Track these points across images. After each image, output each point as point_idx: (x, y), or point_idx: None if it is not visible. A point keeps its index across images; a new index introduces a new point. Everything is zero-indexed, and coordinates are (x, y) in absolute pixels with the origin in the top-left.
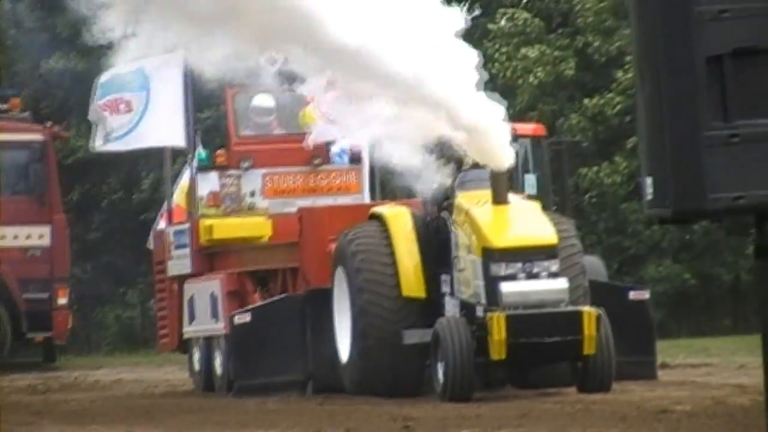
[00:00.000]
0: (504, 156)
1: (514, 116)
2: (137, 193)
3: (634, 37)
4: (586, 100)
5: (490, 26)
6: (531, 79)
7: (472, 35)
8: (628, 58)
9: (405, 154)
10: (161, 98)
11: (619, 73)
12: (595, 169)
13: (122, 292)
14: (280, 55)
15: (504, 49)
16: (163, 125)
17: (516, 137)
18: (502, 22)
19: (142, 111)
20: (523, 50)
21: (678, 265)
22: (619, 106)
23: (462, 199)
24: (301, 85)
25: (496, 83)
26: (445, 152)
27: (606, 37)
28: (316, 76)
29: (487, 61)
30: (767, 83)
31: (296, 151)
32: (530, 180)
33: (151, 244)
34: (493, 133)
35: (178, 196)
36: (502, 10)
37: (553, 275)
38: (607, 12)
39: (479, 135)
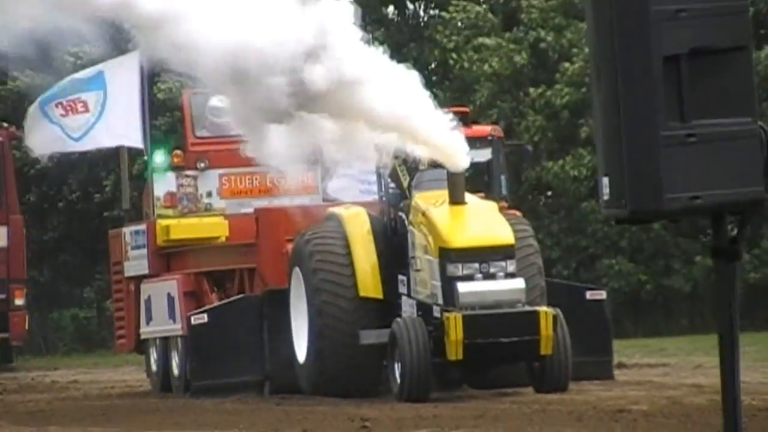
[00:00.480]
0: (460, 156)
1: (475, 112)
2: (98, 194)
3: (591, 37)
4: (531, 90)
5: (444, 14)
6: (486, 67)
7: (424, 34)
8: (575, 50)
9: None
10: (118, 98)
11: (566, 64)
12: (560, 162)
13: (79, 293)
14: None
15: (454, 37)
16: (119, 125)
17: (494, 139)
18: (454, 15)
19: (99, 111)
20: (480, 39)
21: (633, 265)
22: (567, 97)
23: (419, 199)
24: None
25: (453, 75)
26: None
27: (557, 33)
28: None
29: (438, 49)
30: (724, 83)
31: None
32: (503, 181)
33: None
34: (448, 135)
35: None
36: (455, 2)
37: (510, 275)
38: (556, 10)
39: (435, 139)
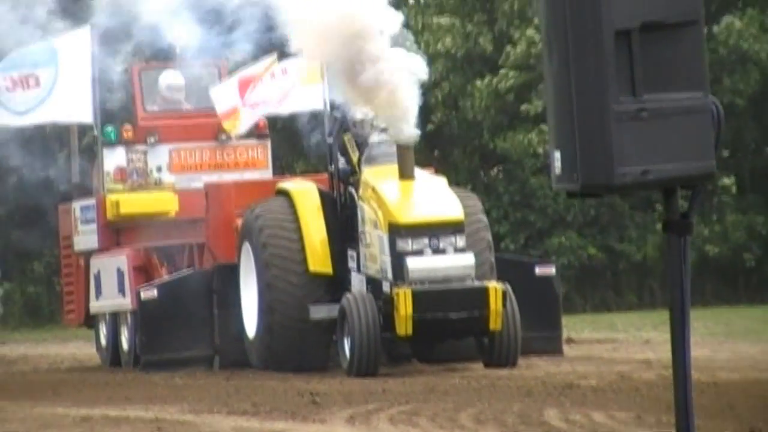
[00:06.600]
0: (411, 129)
1: (429, 85)
2: (51, 168)
3: (543, 10)
4: (478, 82)
5: None
6: (439, 46)
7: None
8: (516, 35)
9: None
10: (69, 74)
11: (508, 48)
12: (515, 138)
13: (29, 268)
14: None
15: (420, 18)
16: (70, 100)
17: None
18: None
19: (50, 87)
20: (436, 19)
21: (582, 239)
22: (512, 80)
23: (368, 174)
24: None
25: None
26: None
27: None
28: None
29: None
30: (675, 58)
31: (203, 127)
32: None
33: None
34: (402, 105)
35: None
36: None
37: (460, 250)
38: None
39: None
